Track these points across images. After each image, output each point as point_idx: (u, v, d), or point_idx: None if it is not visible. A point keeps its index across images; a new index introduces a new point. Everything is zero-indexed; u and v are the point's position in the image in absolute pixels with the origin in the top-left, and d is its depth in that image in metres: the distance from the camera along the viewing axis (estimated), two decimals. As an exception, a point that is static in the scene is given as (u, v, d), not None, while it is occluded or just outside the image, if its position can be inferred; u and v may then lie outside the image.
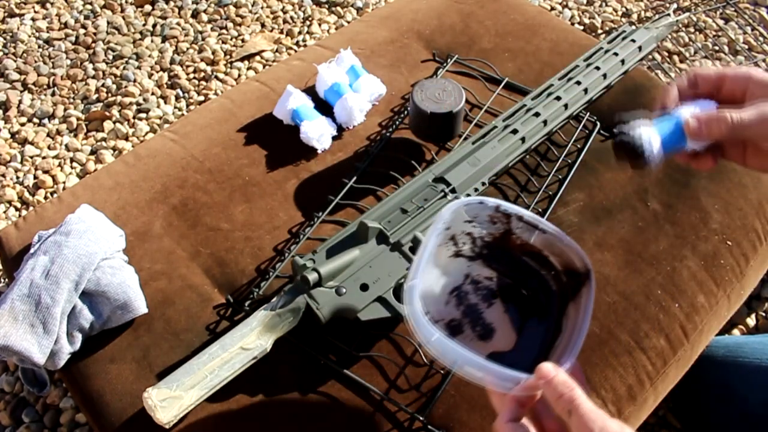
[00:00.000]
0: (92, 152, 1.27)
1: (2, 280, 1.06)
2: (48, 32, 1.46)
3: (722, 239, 0.76)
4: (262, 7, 1.52)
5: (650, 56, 1.36)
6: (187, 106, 1.34)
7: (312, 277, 0.61)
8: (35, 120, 1.32)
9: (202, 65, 1.40)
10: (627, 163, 0.52)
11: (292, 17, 1.51)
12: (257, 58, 1.42)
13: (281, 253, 0.72)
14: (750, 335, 1.01)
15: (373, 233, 0.66)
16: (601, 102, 0.84)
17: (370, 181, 0.76)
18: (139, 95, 1.34)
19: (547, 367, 0.45)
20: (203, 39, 1.46)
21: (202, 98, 1.35)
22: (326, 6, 1.54)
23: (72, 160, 1.25)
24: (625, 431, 0.42)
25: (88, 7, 1.52)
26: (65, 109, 1.33)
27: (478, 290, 0.56)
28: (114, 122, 1.31)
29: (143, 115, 1.32)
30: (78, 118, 1.31)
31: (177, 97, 1.35)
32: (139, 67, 1.40)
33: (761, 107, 0.49)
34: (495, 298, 0.56)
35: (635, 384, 0.67)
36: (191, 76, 1.39)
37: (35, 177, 1.23)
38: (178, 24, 1.48)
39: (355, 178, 0.77)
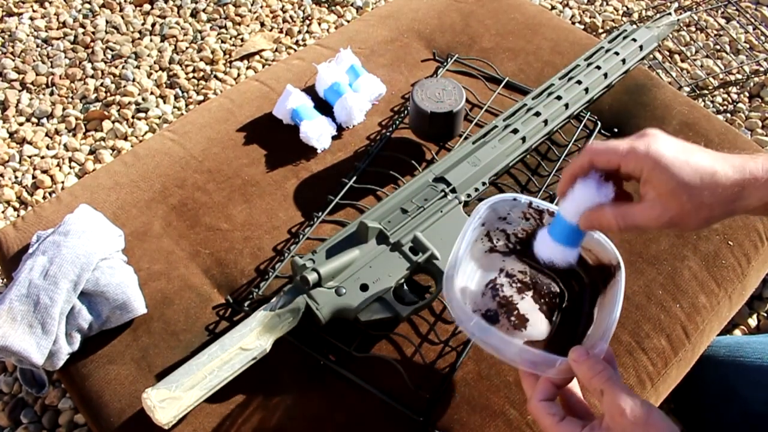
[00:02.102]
0: (91, 152, 1.27)
1: (1, 281, 1.05)
2: (46, 31, 1.46)
3: (723, 239, 0.76)
4: (261, 6, 1.52)
5: (651, 55, 1.36)
6: (186, 105, 1.34)
7: (312, 277, 0.61)
8: (34, 119, 1.31)
9: (202, 64, 1.40)
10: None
11: (291, 16, 1.51)
12: (257, 57, 1.42)
13: (281, 253, 0.72)
14: (751, 335, 1.01)
15: (373, 233, 0.65)
16: (602, 101, 0.84)
17: (370, 181, 0.76)
18: (138, 95, 1.34)
19: (580, 349, 0.47)
20: (202, 38, 1.45)
21: (201, 98, 1.35)
22: (326, 5, 1.54)
23: (71, 159, 1.25)
24: (653, 411, 0.43)
25: (87, 6, 1.51)
26: (64, 109, 1.32)
27: (512, 283, 0.58)
28: (113, 122, 1.30)
29: (142, 114, 1.31)
30: (77, 118, 1.30)
31: (176, 97, 1.35)
32: (138, 67, 1.39)
33: (651, 209, 0.46)
34: (529, 291, 0.58)
35: (636, 384, 0.66)
36: (190, 75, 1.39)
37: (34, 177, 1.22)
38: (177, 23, 1.48)
39: (354, 177, 0.76)
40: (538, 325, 0.57)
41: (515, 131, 0.73)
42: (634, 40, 0.80)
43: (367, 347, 0.65)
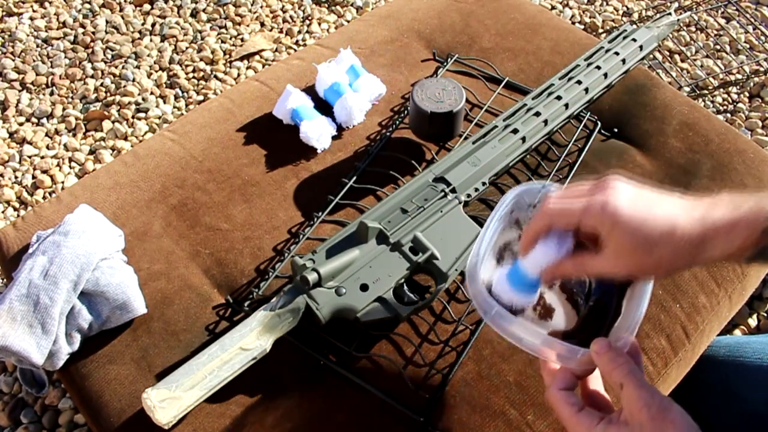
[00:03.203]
0: (91, 152, 1.27)
1: (1, 281, 1.05)
2: (46, 31, 1.46)
3: (723, 239, 0.76)
4: (261, 6, 1.52)
5: (651, 55, 1.36)
6: (186, 105, 1.34)
7: (312, 277, 0.61)
8: (34, 119, 1.31)
9: (202, 64, 1.40)
10: None
11: (291, 16, 1.51)
12: (257, 57, 1.42)
13: (281, 253, 0.72)
14: (751, 335, 1.01)
15: (373, 233, 0.65)
16: (602, 101, 0.83)
17: (370, 181, 0.76)
18: (138, 95, 1.34)
19: (602, 341, 0.46)
20: (202, 38, 1.45)
21: (201, 98, 1.35)
22: (326, 5, 1.54)
23: (71, 159, 1.25)
24: (673, 407, 0.43)
25: (87, 6, 1.51)
26: (64, 109, 1.32)
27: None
28: (113, 122, 1.30)
29: (142, 114, 1.31)
30: (77, 118, 1.30)
31: (176, 97, 1.35)
32: (138, 67, 1.39)
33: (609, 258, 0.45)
34: (556, 281, 0.57)
35: (636, 384, 0.66)
36: (190, 75, 1.39)
37: (34, 177, 1.22)
38: (177, 23, 1.48)
39: (354, 177, 0.76)
40: (565, 317, 0.56)
41: (515, 131, 0.73)
42: (634, 40, 0.80)
43: (367, 347, 0.65)
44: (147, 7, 1.51)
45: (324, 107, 0.83)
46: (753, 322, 1.06)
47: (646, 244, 0.44)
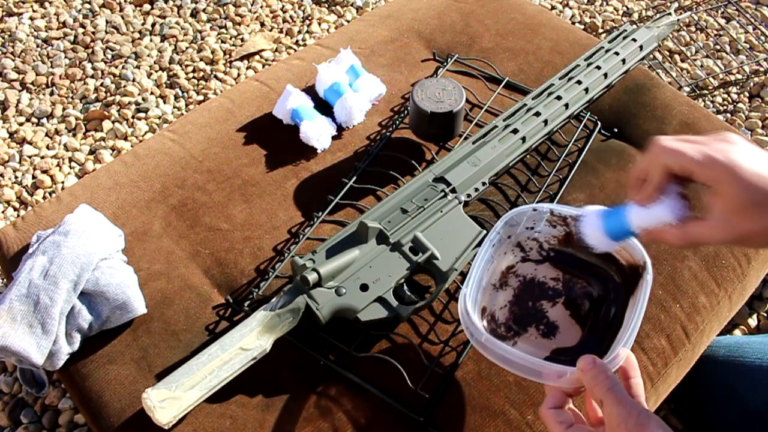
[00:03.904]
0: (91, 152, 1.27)
1: (1, 281, 1.05)
2: (46, 31, 1.46)
3: (723, 239, 0.76)
4: (261, 6, 1.52)
5: (651, 55, 1.36)
6: (186, 105, 1.34)
7: (312, 277, 0.61)
8: (34, 119, 1.31)
9: (202, 64, 1.40)
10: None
11: (291, 16, 1.51)
12: (257, 57, 1.42)
13: (281, 253, 0.72)
14: (751, 335, 1.01)
15: (373, 233, 0.65)
16: (602, 101, 0.84)
17: (370, 181, 0.76)
18: (138, 95, 1.34)
19: (587, 358, 0.47)
20: (202, 38, 1.45)
21: (201, 98, 1.35)
22: (326, 5, 1.54)
23: (71, 159, 1.25)
24: (651, 421, 0.43)
25: (87, 6, 1.51)
26: (64, 109, 1.32)
27: (542, 291, 0.58)
28: (113, 122, 1.30)
29: (142, 114, 1.31)
30: (77, 118, 1.30)
31: (176, 97, 1.35)
32: (138, 67, 1.39)
33: (722, 224, 0.43)
34: (560, 297, 0.58)
35: (636, 384, 0.66)
36: (190, 75, 1.39)
37: (34, 177, 1.22)
38: (177, 23, 1.48)
39: (354, 177, 0.76)
40: (569, 332, 0.56)
41: (515, 131, 0.73)
42: (634, 40, 0.80)
43: (367, 347, 0.65)
44: (147, 7, 1.51)
45: (324, 107, 0.83)
46: (753, 322, 1.06)
47: (762, 204, 0.41)
